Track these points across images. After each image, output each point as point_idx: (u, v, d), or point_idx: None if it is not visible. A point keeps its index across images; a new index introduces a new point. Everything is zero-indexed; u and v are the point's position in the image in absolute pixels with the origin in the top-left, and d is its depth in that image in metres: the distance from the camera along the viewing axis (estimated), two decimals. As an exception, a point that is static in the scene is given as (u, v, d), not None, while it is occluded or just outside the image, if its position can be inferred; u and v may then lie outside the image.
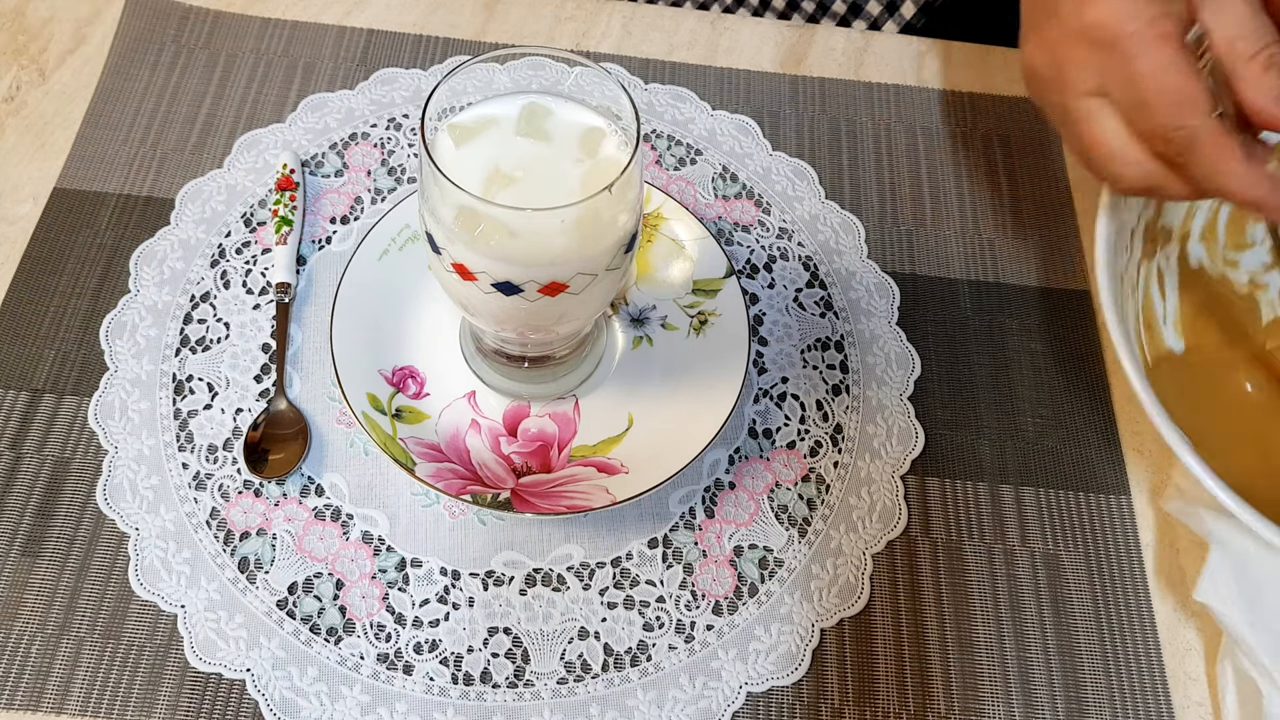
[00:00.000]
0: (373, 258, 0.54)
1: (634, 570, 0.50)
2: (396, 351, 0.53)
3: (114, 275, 0.56)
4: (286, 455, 0.51)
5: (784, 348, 0.56)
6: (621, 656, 0.48)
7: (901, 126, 0.65)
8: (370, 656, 0.47)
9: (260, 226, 0.58)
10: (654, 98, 0.65)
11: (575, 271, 0.42)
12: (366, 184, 0.60)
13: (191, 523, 0.49)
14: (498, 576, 0.49)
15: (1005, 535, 0.52)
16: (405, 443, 0.49)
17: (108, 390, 0.52)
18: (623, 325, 0.55)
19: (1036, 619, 0.50)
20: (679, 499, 0.52)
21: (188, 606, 0.47)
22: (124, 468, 0.50)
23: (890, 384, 0.56)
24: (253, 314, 0.55)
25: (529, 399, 0.52)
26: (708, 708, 0.47)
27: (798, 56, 0.68)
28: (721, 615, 0.49)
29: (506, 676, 0.47)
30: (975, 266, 0.60)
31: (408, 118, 0.63)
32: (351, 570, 0.49)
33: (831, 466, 0.53)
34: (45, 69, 0.63)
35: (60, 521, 0.49)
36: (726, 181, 0.62)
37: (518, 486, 0.49)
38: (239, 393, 0.53)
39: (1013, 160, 0.65)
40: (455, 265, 0.43)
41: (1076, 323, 0.59)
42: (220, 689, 0.46)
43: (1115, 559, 0.52)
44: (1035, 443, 0.55)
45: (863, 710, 0.48)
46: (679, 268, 0.56)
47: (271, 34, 0.65)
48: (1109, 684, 0.49)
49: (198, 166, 0.60)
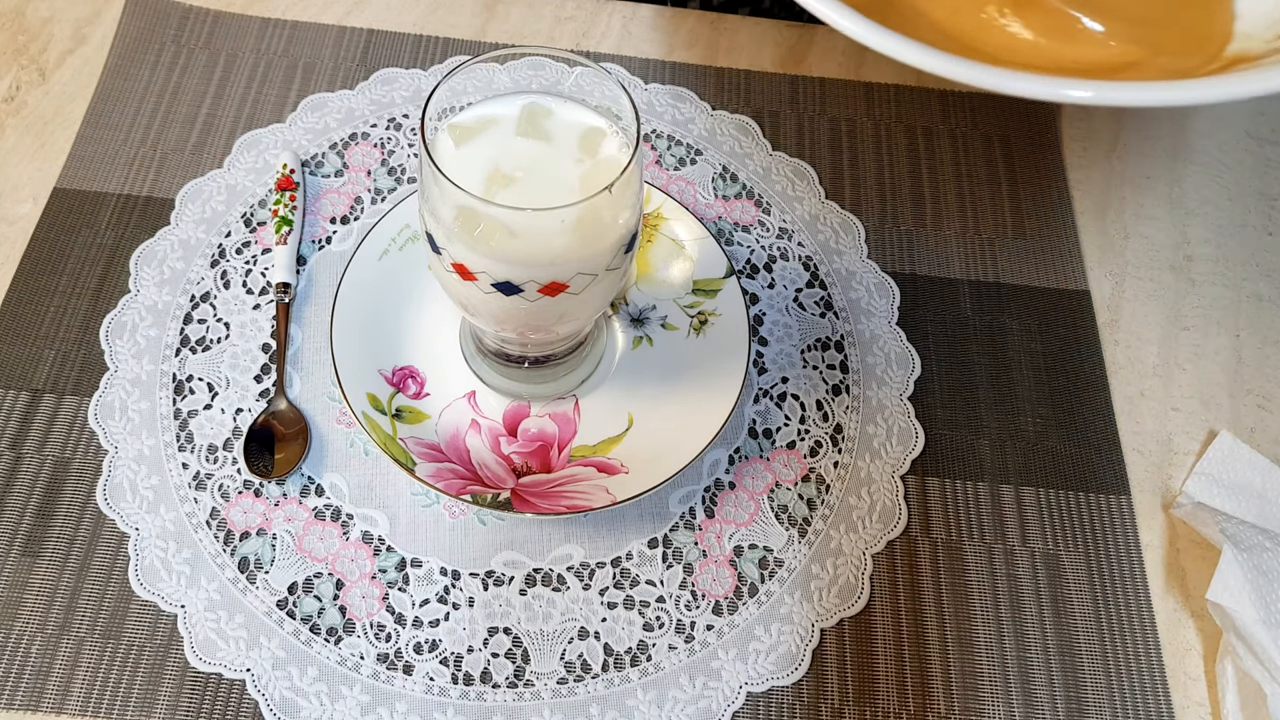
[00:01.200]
0: (373, 258, 0.54)
1: (634, 570, 0.50)
2: (396, 351, 0.53)
3: (114, 275, 0.56)
4: (286, 455, 0.51)
5: (784, 348, 0.56)
6: (621, 656, 0.48)
7: (901, 126, 0.66)
8: (370, 656, 0.47)
9: (260, 226, 0.58)
10: (654, 98, 0.65)
11: (575, 271, 0.42)
12: (366, 184, 0.60)
13: (191, 523, 0.49)
14: (498, 576, 0.49)
15: (1005, 535, 0.52)
16: (405, 443, 0.49)
17: (108, 390, 0.52)
18: (623, 325, 0.55)
19: (1036, 619, 0.50)
20: (679, 499, 0.52)
21: (188, 606, 0.47)
22: (124, 468, 0.50)
23: (890, 384, 0.56)
24: (253, 314, 0.55)
25: (529, 399, 0.52)
26: (708, 708, 0.47)
27: (798, 56, 0.68)
28: (721, 615, 0.49)
29: (506, 676, 0.47)
30: (975, 266, 0.60)
31: (408, 118, 0.63)
32: (351, 570, 0.49)
33: (831, 466, 0.53)
34: (45, 69, 0.63)
35: (60, 521, 0.49)
36: (726, 181, 0.62)
37: (518, 486, 0.49)
38: (239, 393, 0.53)
39: (1013, 160, 0.65)
40: (455, 265, 0.43)
41: (1076, 323, 0.59)
42: (220, 689, 0.46)
43: (1115, 559, 0.52)
44: (1035, 443, 0.55)
45: (863, 710, 0.48)
46: (679, 268, 0.56)
47: (271, 34, 0.65)
48: (1109, 684, 0.49)
49: (198, 166, 0.60)
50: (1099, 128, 0.67)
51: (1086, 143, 0.66)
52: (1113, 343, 0.59)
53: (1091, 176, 0.65)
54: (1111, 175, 0.65)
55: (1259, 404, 0.57)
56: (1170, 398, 0.57)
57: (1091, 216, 0.63)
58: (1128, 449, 0.55)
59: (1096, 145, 0.66)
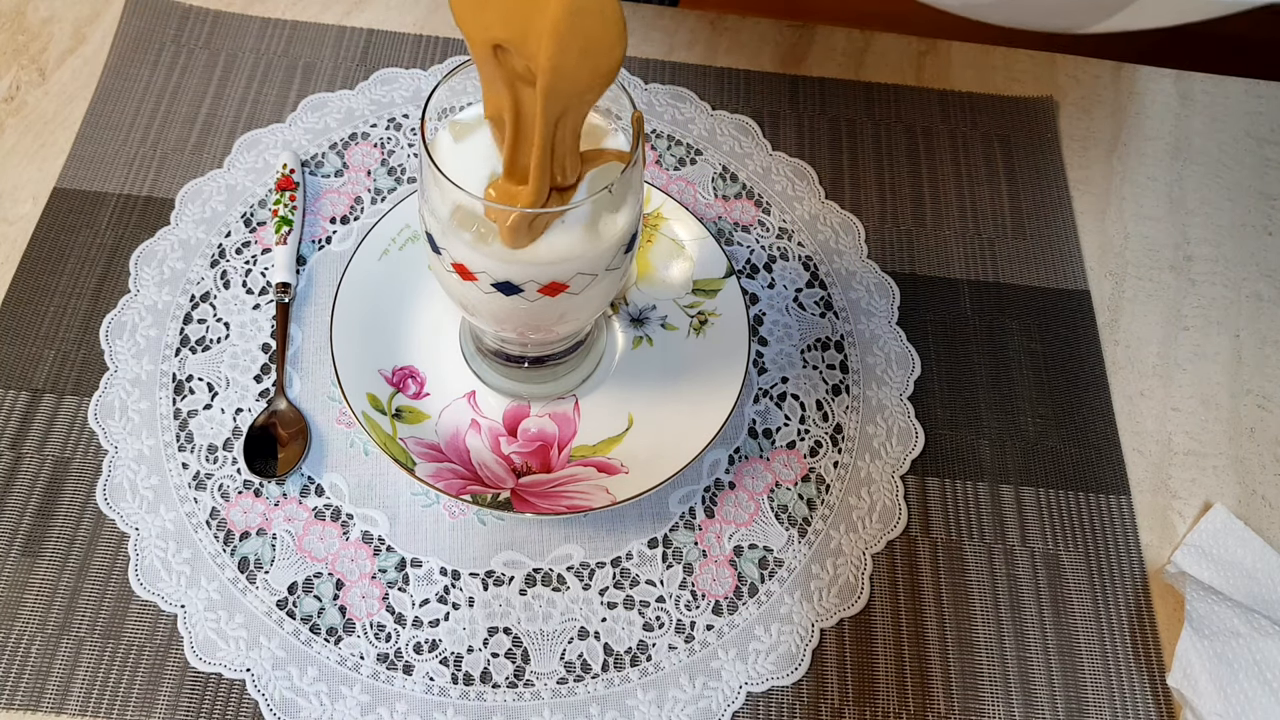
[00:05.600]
0: (373, 258, 0.54)
1: (634, 570, 0.50)
2: (396, 351, 0.53)
3: (114, 275, 0.56)
4: (286, 455, 0.51)
5: (784, 348, 0.56)
6: (621, 656, 0.48)
7: (901, 126, 0.65)
8: (370, 656, 0.47)
9: (260, 226, 0.58)
10: (654, 98, 0.65)
11: (575, 271, 0.42)
12: (366, 184, 0.60)
13: (191, 523, 0.49)
14: (498, 576, 0.49)
15: (1005, 535, 0.52)
16: (405, 443, 0.49)
17: (108, 390, 0.52)
18: (623, 325, 0.55)
19: (1036, 619, 0.50)
20: (679, 499, 0.52)
21: (188, 606, 0.47)
22: (124, 468, 0.50)
23: (890, 384, 0.56)
24: (253, 314, 0.55)
25: (529, 399, 0.52)
26: (708, 708, 0.47)
27: (798, 56, 0.68)
28: (721, 615, 0.49)
29: (506, 676, 0.47)
30: (975, 266, 0.60)
31: (408, 118, 0.63)
32: (351, 570, 0.49)
33: (831, 466, 0.53)
34: (45, 69, 0.63)
35: (60, 521, 0.49)
36: (726, 181, 0.62)
37: (518, 486, 0.49)
38: (239, 393, 0.53)
39: (1013, 160, 0.65)
40: (455, 265, 0.43)
41: (1076, 323, 0.59)
42: (220, 689, 0.46)
43: (1115, 559, 0.52)
44: (1035, 443, 0.55)
45: (863, 710, 0.48)
46: (679, 268, 0.56)
47: (271, 34, 0.65)
48: (1109, 684, 0.49)
49: (198, 166, 0.60)
50: (1099, 128, 0.67)
51: (1086, 143, 0.66)
52: (1113, 343, 0.59)
53: (1091, 176, 0.65)
54: (1111, 175, 0.65)
55: (1259, 404, 0.57)
56: (1170, 398, 0.57)
57: (1091, 216, 0.63)
58: (1128, 449, 0.55)
59: (1096, 145, 0.66)
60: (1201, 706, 0.46)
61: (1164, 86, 0.69)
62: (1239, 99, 0.69)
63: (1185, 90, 0.69)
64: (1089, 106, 0.68)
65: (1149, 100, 0.69)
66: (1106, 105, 0.68)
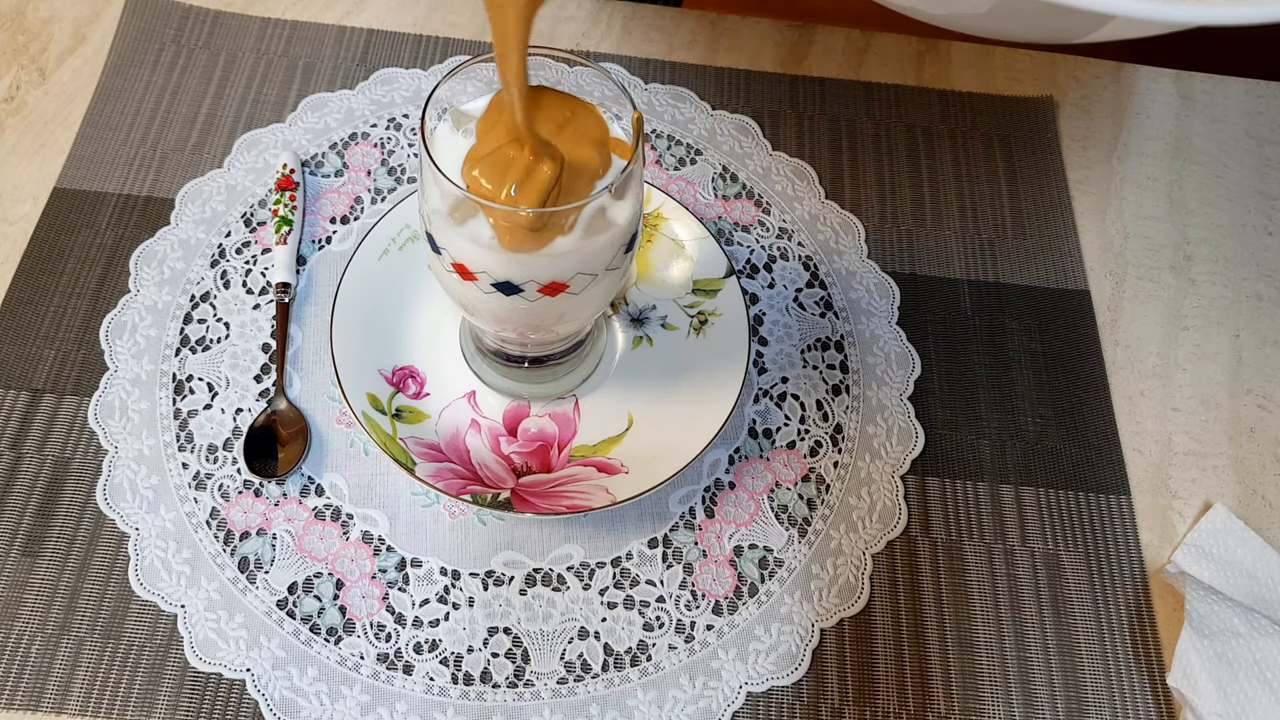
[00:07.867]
0: (373, 258, 0.54)
1: (634, 570, 0.50)
2: (396, 351, 0.53)
3: (114, 275, 0.56)
4: (286, 455, 0.51)
5: (784, 348, 0.56)
6: (621, 656, 0.48)
7: (901, 126, 0.66)
8: (370, 656, 0.47)
9: (260, 226, 0.58)
10: (654, 98, 0.65)
11: (575, 271, 0.42)
12: (366, 184, 0.60)
13: (191, 523, 0.49)
14: (498, 576, 0.49)
15: (1005, 535, 0.52)
16: (405, 443, 0.49)
17: (108, 390, 0.52)
18: (623, 325, 0.55)
19: (1036, 619, 0.50)
20: (679, 499, 0.52)
21: (188, 606, 0.47)
22: (124, 468, 0.50)
23: (890, 384, 0.56)
24: (253, 314, 0.55)
25: (529, 399, 0.52)
26: (708, 708, 0.47)
27: (798, 56, 0.68)
28: (721, 615, 0.49)
29: (506, 676, 0.47)
30: (975, 266, 0.60)
31: (408, 118, 0.63)
32: (351, 570, 0.49)
33: (831, 466, 0.53)
34: (45, 69, 0.63)
35: (60, 521, 0.49)
36: (726, 181, 0.62)
37: (518, 486, 0.49)
38: (239, 393, 0.53)
39: (1013, 160, 0.65)
40: (455, 265, 0.43)
41: (1076, 323, 0.59)
42: (220, 689, 0.46)
43: (1115, 559, 0.52)
44: (1035, 443, 0.55)
45: (863, 710, 0.48)
46: (679, 268, 0.56)
47: (271, 34, 0.65)
48: (1109, 684, 0.49)
49: (198, 166, 0.60)
50: (1099, 128, 0.67)
51: (1086, 143, 0.66)
52: (1113, 343, 0.59)
53: (1091, 176, 0.65)
54: (1111, 175, 0.65)
55: (1259, 404, 0.57)
56: (1170, 398, 0.57)
57: (1091, 216, 0.63)
58: (1128, 449, 0.55)
59: (1096, 145, 0.66)
60: (1201, 706, 0.46)
61: (1164, 86, 0.69)
62: (1239, 99, 0.69)
63: (1185, 90, 0.69)
64: (1089, 106, 0.68)
65: (1149, 100, 0.69)
66: (1106, 105, 0.68)
